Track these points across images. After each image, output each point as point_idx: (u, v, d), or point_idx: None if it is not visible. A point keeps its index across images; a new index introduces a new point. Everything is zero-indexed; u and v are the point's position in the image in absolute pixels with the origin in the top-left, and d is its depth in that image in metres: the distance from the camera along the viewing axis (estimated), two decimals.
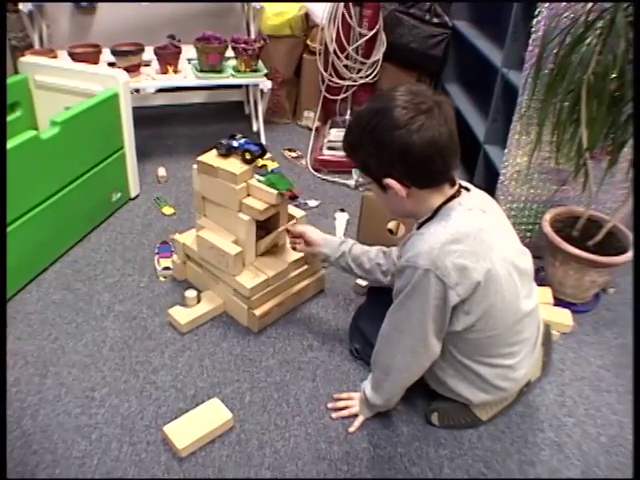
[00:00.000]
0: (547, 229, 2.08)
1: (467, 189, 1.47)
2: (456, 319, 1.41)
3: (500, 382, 1.56)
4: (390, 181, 1.36)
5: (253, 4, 3.06)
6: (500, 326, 1.46)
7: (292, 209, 2.07)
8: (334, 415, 1.68)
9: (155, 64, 2.89)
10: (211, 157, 1.89)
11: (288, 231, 1.95)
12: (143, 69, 2.86)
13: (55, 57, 2.73)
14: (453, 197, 1.41)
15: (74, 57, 2.70)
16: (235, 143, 1.87)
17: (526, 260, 1.53)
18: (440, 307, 1.37)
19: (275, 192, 1.81)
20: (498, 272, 1.38)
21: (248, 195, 1.87)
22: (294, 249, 1.94)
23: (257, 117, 3.24)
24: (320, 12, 3.01)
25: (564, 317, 2.03)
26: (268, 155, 1.91)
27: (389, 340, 1.51)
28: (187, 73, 2.89)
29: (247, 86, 3.37)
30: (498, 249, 1.39)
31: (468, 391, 1.58)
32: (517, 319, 1.49)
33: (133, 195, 2.65)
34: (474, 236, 1.35)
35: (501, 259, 1.39)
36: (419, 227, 1.46)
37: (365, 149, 1.36)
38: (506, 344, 1.51)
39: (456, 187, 1.43)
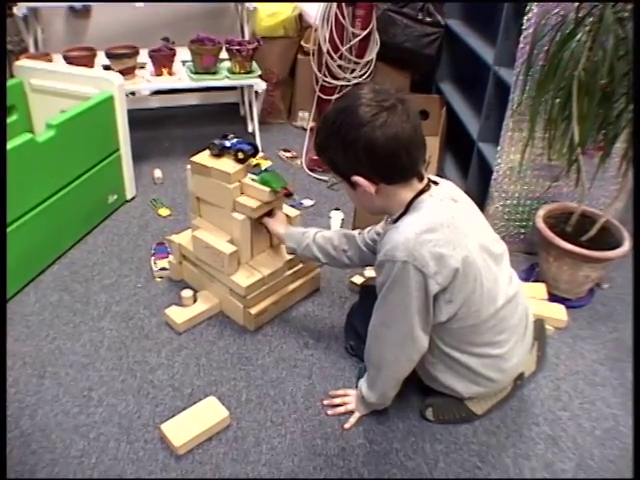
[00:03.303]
0: (541, 225, 2.09)
1: (436, 183, 1.49)
2: (439, 309, 1.42)
3: (490, 373, 1.57)
4: (358, 178, 1.38)
5: (247, 5, 3.07)
6: (482, 313, 1.47)
7: (287, 209, 2.08)
8: (330, 412, 1.69)
9: (150, 66, 2.90)
10: (204, 157, 1.91)
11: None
12: (138, 72, 2.87)
13: (50, 61, 2.74)
14: (423, 191, 1.43)
15: (69, 60, 2.70)
16: (228, 143, 1.88)
17: (500, 246, 1.55)
18: (422, 298, 1.39)
19: (268, 190, 1.82)
20: (475, 258, 1.40)
21: (242, 194, 1.88)
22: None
23: (252, 118, 3.25)
24: (313, 13, 3.03)
25: (559, 312, 2.04)
26: (261, 154, 1.93)
27: (377, 336, 1.53)
28: (182, 75, 2.90)
29: (242, 87, 3.38)
30: (472, 236, 1.41)
31: (460, 384, 1.59)
32: (499, 305, 1.49)
33: (129, 197, 2.66)
34: (447, 224, 1.37)
35: (476, 246, 1.41)
36: (394, 222, 1.47)
37: (332, 148, 1.38)
38: (491, 332, 1.52)
39: (425, 181, 1.45)
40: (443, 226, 1.37)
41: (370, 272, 2.13)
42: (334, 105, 1.40)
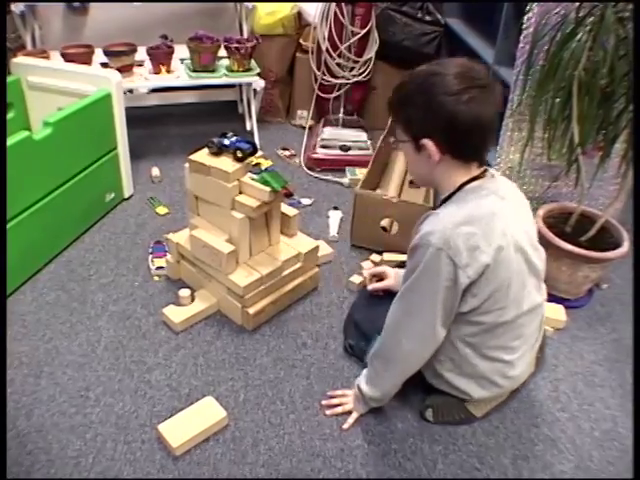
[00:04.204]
0: (540, 225, 2.09)
1: (493, 176, 1.48)
2: (463, 301, 1.42)
3: (497, 378, 1.56)
4: (428, 142, 1.37)
5: (245, 3, 3.06)
6: (505, 313, 1.46)
7: (285, 208, 2.07)
8: (328, 412, 1.68)
9: (148, 64, 2.89)
10: (203, 156, 1.90)
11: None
12: (136, 69, 2.86)
13: (48, 58, 2.72)
14: (477, 178, 1.43)
15: (67, 58, 2.69)
16: (226, 141, 1.87)
17: (538, 256, 1.54)
18: (450, 289, 1.38)
19: (268, 189, 1.81)
20: (508, 258, 1.39)
21: (240, 193, 1.87)
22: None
23: (250, 116, 3.24)
24: (312, 11, 3.01)
25: (558, 313, 2.04)
26: (260, 153, 1.92)
27: (398, 325, 1.50)
28: (180, 73, 2.89)
29: (240, 85, 3.36)
30: (510, 236, 1.40)
31: (466, 385, 1.58)
32: (523, 310, 1.49)
33: (127, 195, 2.65)
34: (486, 220, 1.37)
35: (512, 246, 1.40)
36: (437, 208, 1.47)
37: (414, 106, 1.37)
38: (508, 335, 1.51)
39: (482, 169, 1.45)
40: (482, 221, 1.37)
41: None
42: (426, 66, 1.39)
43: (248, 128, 3.32)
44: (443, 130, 1.34)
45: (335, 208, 2.63)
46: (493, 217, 1.38)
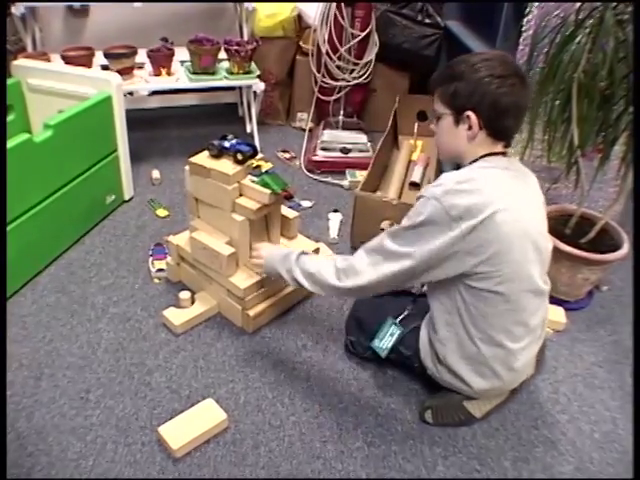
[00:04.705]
0: None
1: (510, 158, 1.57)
2: (460, 260, 1.45)
3: (498, 367, 1.56)
4: (471, 114, 1.47)
5: (246, 6, 3.06)
6: (505, 281, 1.47)
7: (286, 210, 2.07)
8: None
9: (148, 66, 2.89)
10: (203, 158, 1.90)
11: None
12: (136, 72, 2.86)
13: (48, 60, 2.72)
14: (498, 154, 1.53)
15: (67, 60, 2.69)
16: (227, 144, 1.87)
17: (545, 244, 1.59)
18: (443, 240, 1.42)
19: (268, 192, 1.81)
20: (504, 222, 1.42)
21: (240, 195, 1.88)
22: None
23: (250, 119, 3.25)
24: (312, 13, 3.02)
25: (557, 315, 2.04)
26: (261, 155, 1.92)
27: (375, 244, 1.55)
28: (180, 75, 2.89)
29: (240, 88, 3.37)
30: (513, 207, 1.44)
31: (466, 371, 1.58)
32: (524, 288, 1.51)
33: (127, 197, 2.65)
34: (492, 184, 1.45)
35: (512, 215, 1.44)
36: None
37: (464, 81, 1.48)
38: (511, 318, 1.52)
39: (505, 150, 1.55)
40: (487, 184, 1.45)
41: None
42: (477, 53, 1.54)
43: (248, 130, 3.32)
44: (487, 106, 1.46)
45: (335, 210, 2.63)
46: (496, 183, 1.46)
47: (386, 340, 1.74)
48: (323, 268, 1.61)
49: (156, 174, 2.82)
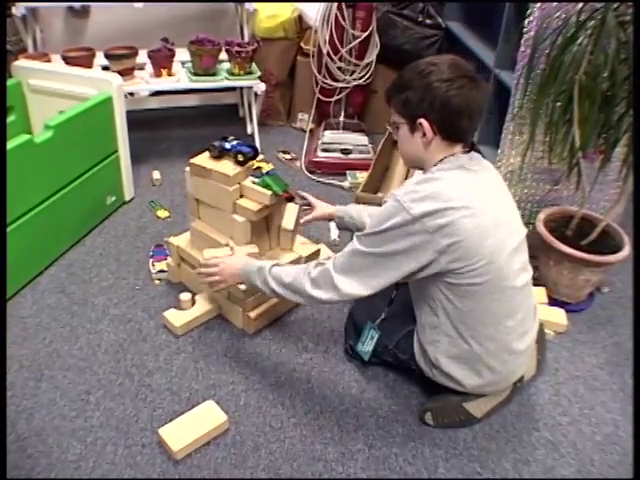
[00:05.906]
0: (541, 229, 2.09)
1: (471, 157, 1.55)
2: (435, 261, 1.45)
3: (493, 361, 1.56)
4: (424, 121, 1.48)
5: (246, 6, 3.06)
6: (486, 271, 1.46)
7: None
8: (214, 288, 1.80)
9: (149, 67, 2.89)
10: (204, 159, 1.90)
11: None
12: (137, 72, 2.86)
13: (49, 61, 2.73)
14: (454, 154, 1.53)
15: (68, 61, 2.69)
16: (227, 145, 1.87)
17: (517, 225, 1.58)
18: (403, 241, 1.44)
19: (269, 193, 1.81)
20: (466, 218, 1.42)
21: (241, 196, 1.88)
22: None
23: (251, 120, 3.24)
24: (313, 14, 3.02)
25: (558, 316, 2.03)
26: (261, 157, 1.92)
27: (345, 251, 1.54)
28: (181, 76, 2.89)
29: (241, 89, 3.37)
30: (478, 202, 1.45)
31: (460, 372, 1.58)
32: (507, 277, 1.50)
33: (127, 198, 2.65)
34: (446, 184, 1.46)
35: (474, 211, 1.43)
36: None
37: (414, 89, 1.49)
38: (500, 310, 1.52)
39: (465, 150, 1.54)
40: (446, 185, 1.45)
41: None
42: (423, 60, 1.53)
43: (249, 131, 3.32)
44: (437, 111, 1.46)
45: None
46: (455, 182, 1.47)
47: (367, 344, 1.76)
48: (297, 277, 1.60)
49: (157, 175, 2.82)
